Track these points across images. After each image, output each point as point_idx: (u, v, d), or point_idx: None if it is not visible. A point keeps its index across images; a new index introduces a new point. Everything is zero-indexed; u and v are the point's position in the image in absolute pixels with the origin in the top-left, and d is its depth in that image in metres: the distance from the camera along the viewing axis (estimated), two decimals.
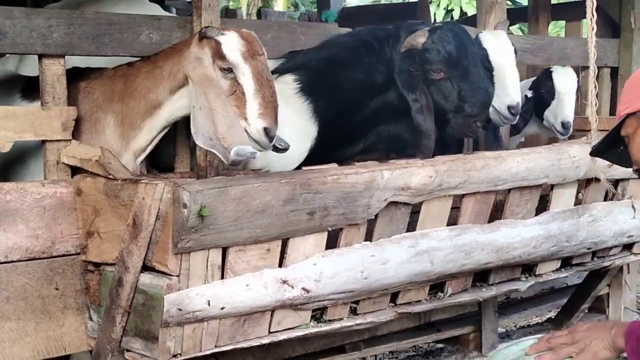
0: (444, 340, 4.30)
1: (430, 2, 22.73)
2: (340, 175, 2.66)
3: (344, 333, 3.52)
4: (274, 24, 3.49)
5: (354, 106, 3.24)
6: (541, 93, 4.40)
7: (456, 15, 19.98)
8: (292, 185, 2.52)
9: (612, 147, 2.47)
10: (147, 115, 2.93)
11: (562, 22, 7.27)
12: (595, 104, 2.87)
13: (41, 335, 2.76)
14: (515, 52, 3.55)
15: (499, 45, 3.51)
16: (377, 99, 3.09)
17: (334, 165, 2.76)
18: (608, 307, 4.78)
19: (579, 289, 4.58)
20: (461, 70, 3.00)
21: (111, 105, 3.00)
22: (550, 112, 4.35)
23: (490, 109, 3.38)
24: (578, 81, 4.38)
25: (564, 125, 4.24)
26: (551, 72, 4.40)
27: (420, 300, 3.20)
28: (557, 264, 3.65)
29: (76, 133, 2.93)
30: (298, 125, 3.24)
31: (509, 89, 3.39)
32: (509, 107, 3.36)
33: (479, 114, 2.96)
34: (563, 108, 4.27)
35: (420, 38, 3.03)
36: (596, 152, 2.55)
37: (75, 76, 3.04)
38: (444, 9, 22.34)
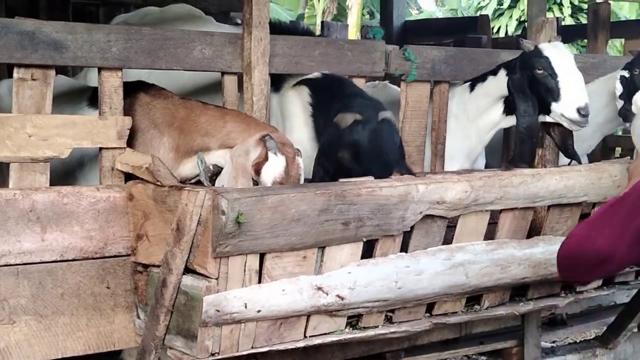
0: (487, 353, 4.35)
1: (501, 15, 22.68)
2: (374, 187, 2.76)
3: (384, 341, 3.60)
4: (323, 41, 3.61)
5: None
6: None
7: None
8: (327, 196, 2.64)
9: None
10: (199, 152, 3.05)
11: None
12: None
13: (92, 330, 2.93)
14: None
15: (559, 52, 3.57)
16: None
17: (370, 178, 2.86)
18: None
19: (627, 307, 4.54)
20: None
21: (169, 129, 3.13)
22: None
23: (559, 116, 3.47)
24: None
25: None
26: None
27: (456, 312, 3.28)
28: (599, 282, 3.67)
29: (130, 144, 3.07)
30: None
31: (576, 92, 3.45)
32: (579, 110, 3.41)
33: None
34: None
35: None
36: None
37: (139, 89, 3.19)
38: (517, 20, 22.16)
